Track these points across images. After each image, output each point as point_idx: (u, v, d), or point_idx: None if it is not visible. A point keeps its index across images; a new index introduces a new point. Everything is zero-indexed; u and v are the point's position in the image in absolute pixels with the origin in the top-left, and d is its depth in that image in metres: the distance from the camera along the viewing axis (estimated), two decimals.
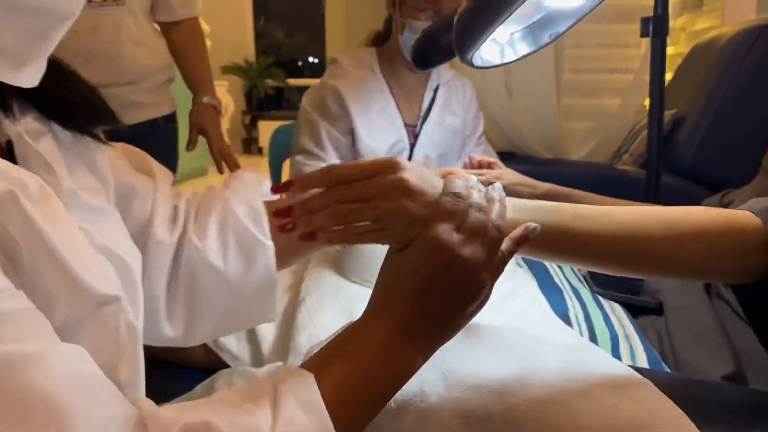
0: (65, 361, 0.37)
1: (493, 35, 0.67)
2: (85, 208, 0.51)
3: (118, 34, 1.50)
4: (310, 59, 8.12)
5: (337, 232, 0.54)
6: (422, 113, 1.59)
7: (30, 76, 0.43)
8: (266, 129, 6.63)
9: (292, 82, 7.04)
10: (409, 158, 1.57)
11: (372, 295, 0.53)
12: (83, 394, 0.36)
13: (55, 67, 0.48)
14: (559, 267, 1.26)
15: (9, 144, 0.48)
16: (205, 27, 4.61)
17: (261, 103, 7.02)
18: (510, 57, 0.74)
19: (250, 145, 6.89)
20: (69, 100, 0.53)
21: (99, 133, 0.57)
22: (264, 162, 6.18)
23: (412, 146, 1.58)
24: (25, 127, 0.48)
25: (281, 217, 0.56)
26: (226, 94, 6.09)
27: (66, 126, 0.54)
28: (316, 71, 7.48)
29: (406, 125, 1.57)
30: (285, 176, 2.04)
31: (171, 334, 0.67)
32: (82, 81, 0.55)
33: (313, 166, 1.49)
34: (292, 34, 7.94)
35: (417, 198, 0.51)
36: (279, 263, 0.69)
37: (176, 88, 1.78)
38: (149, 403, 0.41)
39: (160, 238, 0.64)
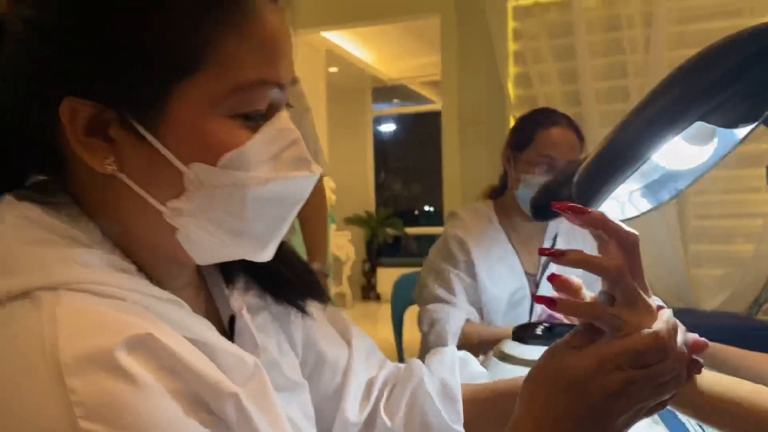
0: None
1: (613, 194, 0.70)
2: (284, 381, 0.55)
3: None
4: (426, 208, 8.45)
5: None
6: (542, 262, 1.60)
7: (269, 253, 0.48)
8: (384, 276, 6.82)
9: (410, 230, 7.31)
10: (531, 307, 1.57)
11: (530, 394, 0.48)
12: None
13: None
14: (699, 425, 1.16)
15: (231, 318, 0.54)
16: (331, 183, 5.01)
17: (380, 250, 7.28)
18: (631, 213, 0.76)
19: (368, 292, 7.06)
20: (284, 275, 0.58)
21: (306, 307, 0.60)
22: (381, 309, 6.28)
23: (533, 295, 1.58)
24: (247, 302, 0.54)
25: (543, 304, 0.51)
26: (348, 244, 6.40)
27: (278, 299, 0.58)
28: (432, 220, 7.73)
29: (527, 274, 1.59)
30: (407, 325, 2.06)
31: None
32: (297, 257, 0.61)
33: (445, 313, 1.51)
34: (409, 185, 8.37)
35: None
36: None
37: None
38: None
39: (349, 417, 0.64)
